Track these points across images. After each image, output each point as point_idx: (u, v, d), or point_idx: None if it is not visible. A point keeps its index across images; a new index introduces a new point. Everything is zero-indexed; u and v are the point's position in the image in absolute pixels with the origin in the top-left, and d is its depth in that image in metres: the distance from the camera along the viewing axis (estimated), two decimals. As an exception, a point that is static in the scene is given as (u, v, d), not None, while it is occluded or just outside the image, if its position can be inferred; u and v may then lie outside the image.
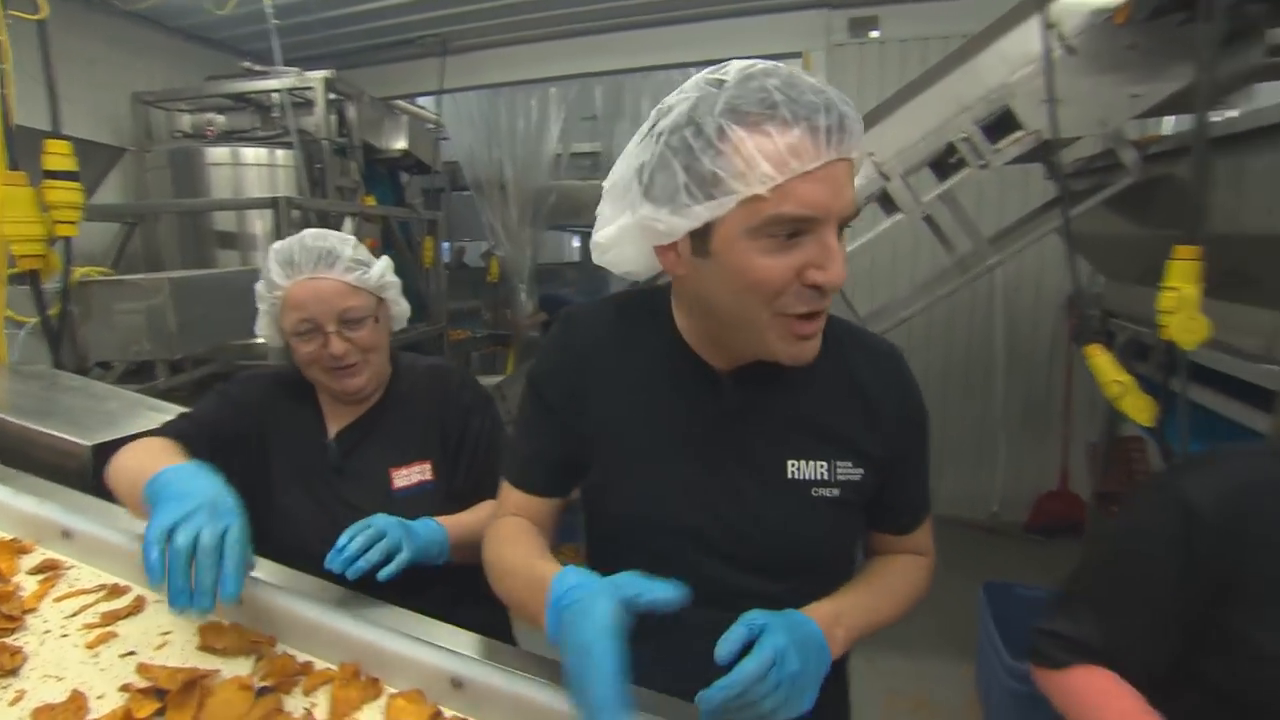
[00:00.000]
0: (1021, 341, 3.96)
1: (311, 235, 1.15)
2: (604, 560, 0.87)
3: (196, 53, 4.18)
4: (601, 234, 0.79)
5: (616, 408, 0.84)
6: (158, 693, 0.74)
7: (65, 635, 0.85)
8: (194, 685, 0.74)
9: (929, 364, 4.02)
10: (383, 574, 0.96)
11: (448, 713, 0.79)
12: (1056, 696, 0.86)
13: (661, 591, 0.61)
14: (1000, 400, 3.96)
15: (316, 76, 3.35)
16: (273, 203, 2.66)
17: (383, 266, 1.20)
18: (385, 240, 3.73)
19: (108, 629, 0.87)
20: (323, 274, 1.11)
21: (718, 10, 3.98)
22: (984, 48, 2.19)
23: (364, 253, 1.19)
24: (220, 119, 3.57)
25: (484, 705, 0.79)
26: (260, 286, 1.17)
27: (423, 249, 3.99)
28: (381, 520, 0.99)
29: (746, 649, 0.64)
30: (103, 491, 1.07)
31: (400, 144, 3.93)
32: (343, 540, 0.96)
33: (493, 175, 5.01)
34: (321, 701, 0.80)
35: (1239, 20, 1.76)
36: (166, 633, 0.87)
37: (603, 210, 0.80)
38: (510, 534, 0.85)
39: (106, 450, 1.12)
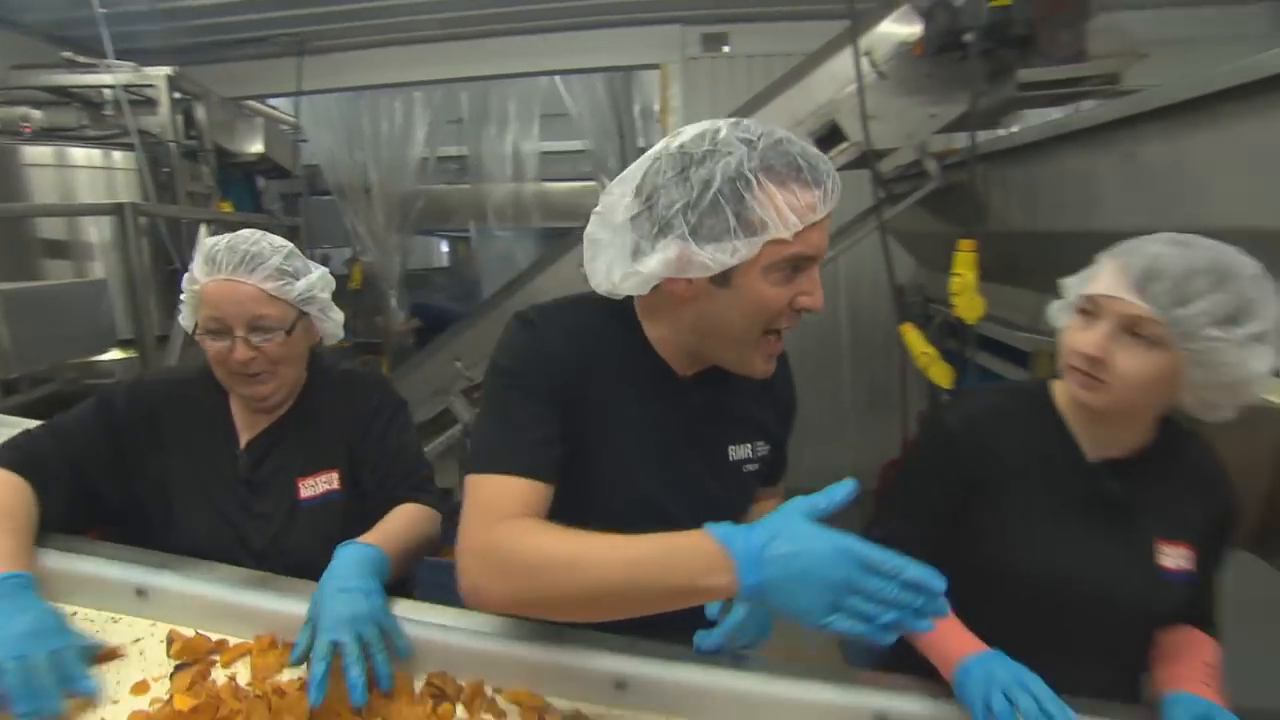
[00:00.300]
0: (862, 328, 4.46)
1: (244, 236, 1.13)
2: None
3: (-2, 38, 3.70)
4: (605, 259, 0.88)
5: (600, 398, 0.91)
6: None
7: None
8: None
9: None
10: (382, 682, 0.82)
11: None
12: None
13: (838, 493, 0.68)
14: (848, 382, 4.45)
15: (158, 73, 3.11)
16: (117, 209, 2.47)
17: (312, 281, 1.16)
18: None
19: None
20: (241, 278, 1.08)
21: (580, 21, 4.13)
22: (814, 69, 2.53)
23: (297, 263, 1.16)
24: (36, 114, 3.20)
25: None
26: (186, 276, 1.14)
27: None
28: (333, 631, 0.81)
29: None
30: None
31: (256, 147, 3.72)
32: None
33: (356, 180, 4.86)
34: (242, 670, 0.87)
35: (997, 60, 2.19)
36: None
37: (598, 234, 0.89)
38: (561, 532, 0.78)
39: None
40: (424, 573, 1.23)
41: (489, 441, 0.87)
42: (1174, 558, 0.95)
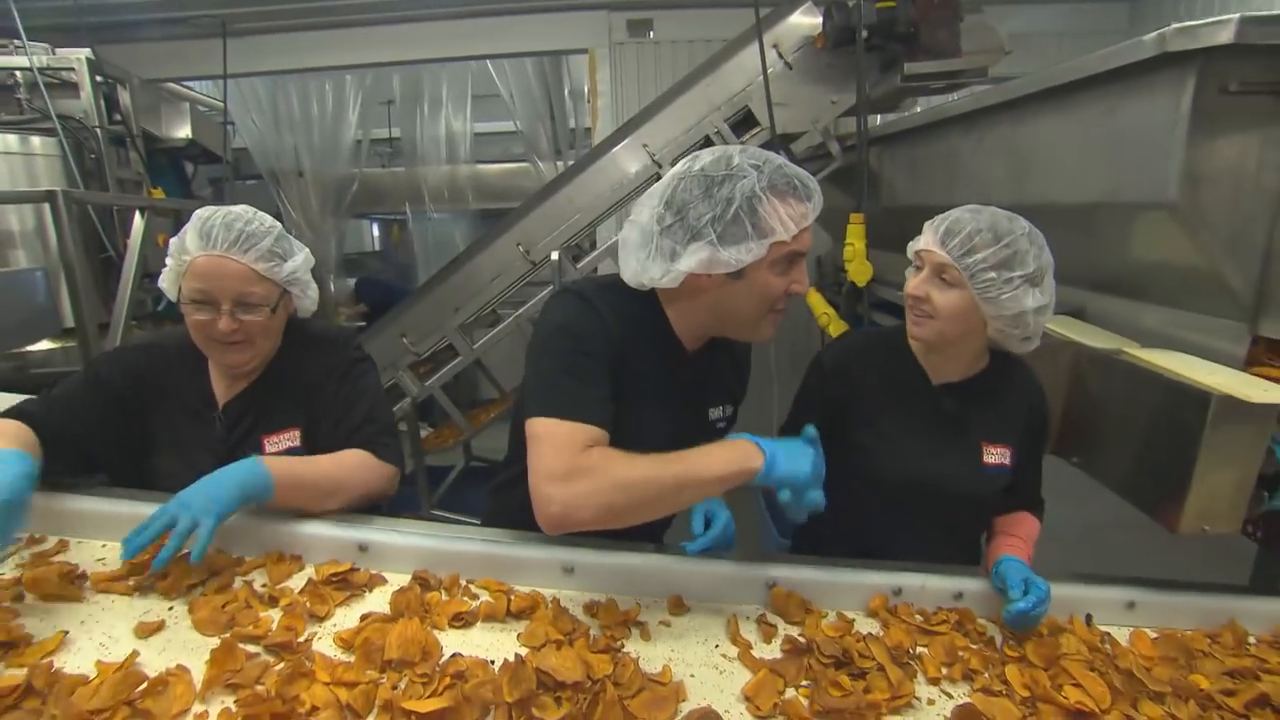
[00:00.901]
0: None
1: (238, 214, 1.19)
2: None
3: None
4: (638, 258, 1.08)
5: (637, 367, 1.11)
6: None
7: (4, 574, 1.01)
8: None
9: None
10: (194, 555, 0.97)
11: (361, 568, 1.09)
12: None
13: (811, 431, 1.05)
14: (771, 349, 4.79)
15: (77, 55, 3.05)
16: (49, 196, 2.47)
17: (298, 262, 1.24)
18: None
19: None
20: (235, 256, 1.15)
21: (510, 6, 4.21)
22: (728, 59, 2.76)
23: (286, 244, 1.23)
24: (-57, 99, 3.09)
25: (389, 560, 1.11)
26: (174, 243, 1.19)
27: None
28: (174, 506, 0.99)
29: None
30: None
31: (183, 131, 3.67)
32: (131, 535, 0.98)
33: (288, 163, 4.81)
34: (259, 578, 1.06)
35: (887, 54, 2.48)
36: (100, 558, 1.07)
37: (630, 237, 1.10)
38: (634, 455, 1.00)
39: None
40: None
41: (561, 392, 1.03)
42: (995, 456, 1.26)
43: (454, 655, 0.91)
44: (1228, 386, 1.12)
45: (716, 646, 1.00)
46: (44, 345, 2.90)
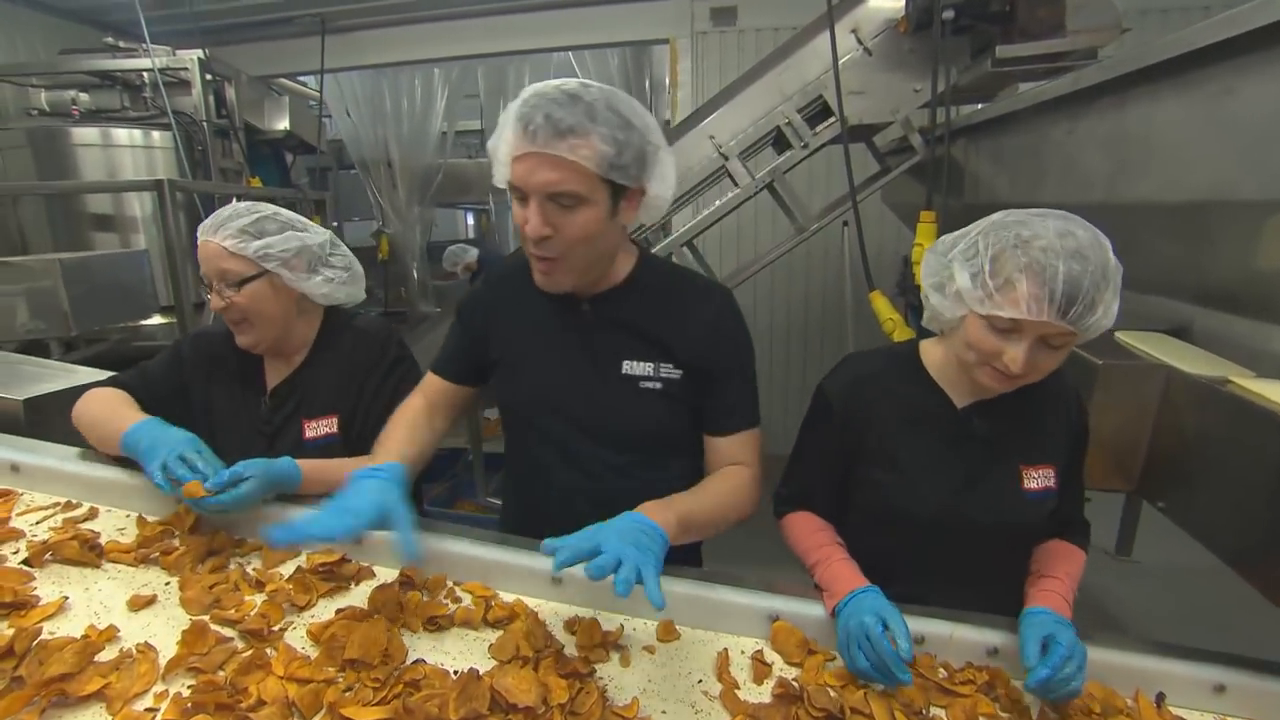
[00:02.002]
0: (865, 293, 4.54)
1: (231, 206, 1.29)
2: (512, 436, 1.26)
3: (40, 22, 3.95)
4: None
5: (515, 328, 1.17)
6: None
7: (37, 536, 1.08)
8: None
9: (790, 319, 4.56)
10: (229, 495, 1.04)
11: (353, 560, 1.08)
12: (785, 535, 1.20)
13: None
14: (851, 346, 4.55)
15: (190, 56, 3.32)
16: (156, 185, 2.70)
17: (270, 242, 1.27)
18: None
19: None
20: (209, 237, 1.25)
21: (590, -3, 4.23)
22: (801, 46, 2.60)
23: (270, 225, 1.28)
24: (84, 97, 3.46)
25: (382, 554, 1.10)
26: None
27: (311, 229, 4.02)
28: (241, 466, 1.07)
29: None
30: (39, 435, 1.26)
31: (283, 124, 3.93)
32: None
33: (378, 154, 5.05)
34: (254, 560, 1.08)
35: (978, 36, 2.25)
36: (121, 528, 1.12)
37: None
38: (400, 421, 1.18)
39: (37, 403, 1.29)
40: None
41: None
42: (1038, 479, 1.08)
43: (416, 661, 0.88)
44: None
45: (699, 682, 0.92)
46: (154, 320, 3.19)
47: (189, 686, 0.80)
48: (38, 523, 1.11)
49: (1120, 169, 1.55)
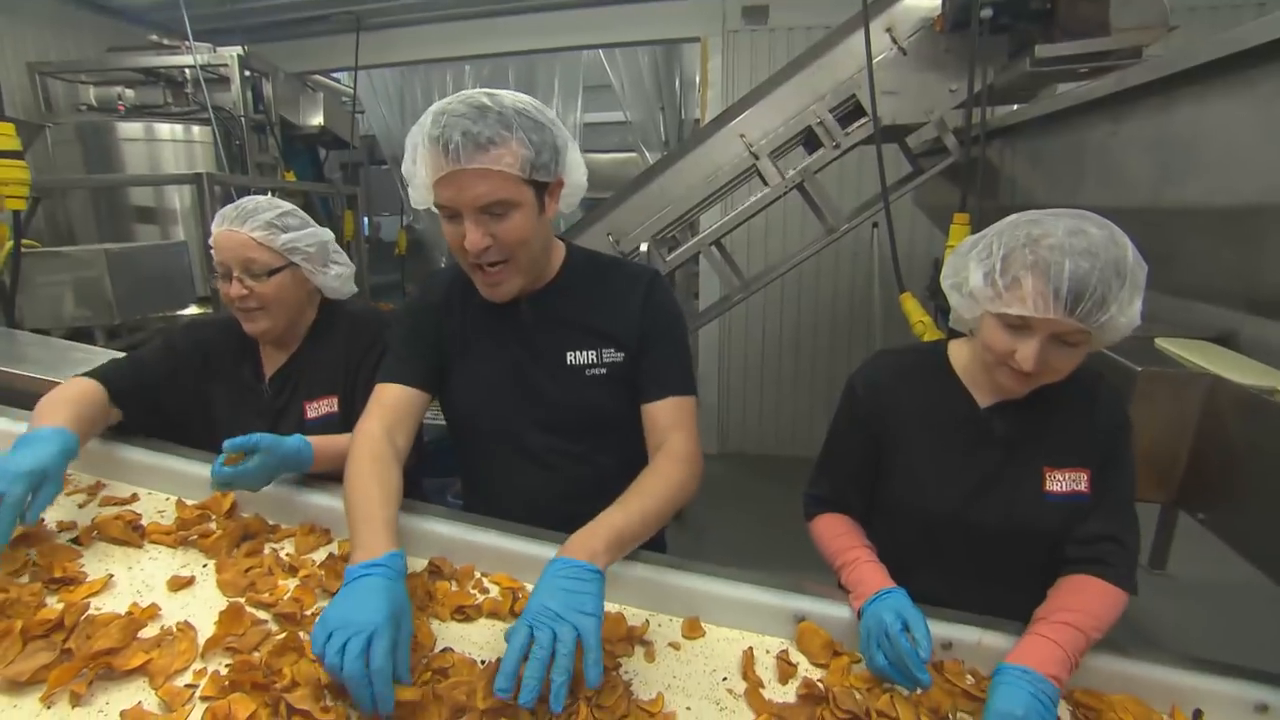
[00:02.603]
0: (895, 295, 4.48)
1: (251, 199, 1.33)
2: (462, 434, 1.27)
3: (91, 21, 4.07)
4: None
5: (458, 328, 1.19)
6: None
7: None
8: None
9: (817, 319, 4.53)
10: (241, 466, 1.07)
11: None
12: (814, 538, 1.19)
13: None
14: (879, 347, 4.49)
15: (231, 53, 3.40)
16: (195, 178, 2.77)
17: (298, 236, 1.32)
18: (310, 215, 3.83)
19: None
20: (236, 227, 1.29)
21: (621, -5, 4.23)
22: (835, 45, 2.58)
23: (292, 221, 1.34)
24: (130, 93, 3.57)
25: (411, 543, 1.11)
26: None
27: (343, 223, 4.10)
28: (257, 436, 1.09)
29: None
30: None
31: (317, 120, 4.00)
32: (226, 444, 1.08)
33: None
34: (287, 545, 1.10)
35: (1017, 35, 2.20)
36: (161, 510, 1.15)
37: None
38: (367, 468, 1.02)
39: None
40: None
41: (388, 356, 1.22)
42: (1064, 481, 1.04)
43: (444, 649, 0.89)
44: None
45: (724, 680, 0.92)
46: (189, 310, 3.28)
47: (226, 665, 0.82)
48: (81, 506, 1.15)
49: (1166, 172, 1.51)
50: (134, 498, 1.20)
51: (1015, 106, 2.42)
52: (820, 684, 0.90)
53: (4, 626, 0.82)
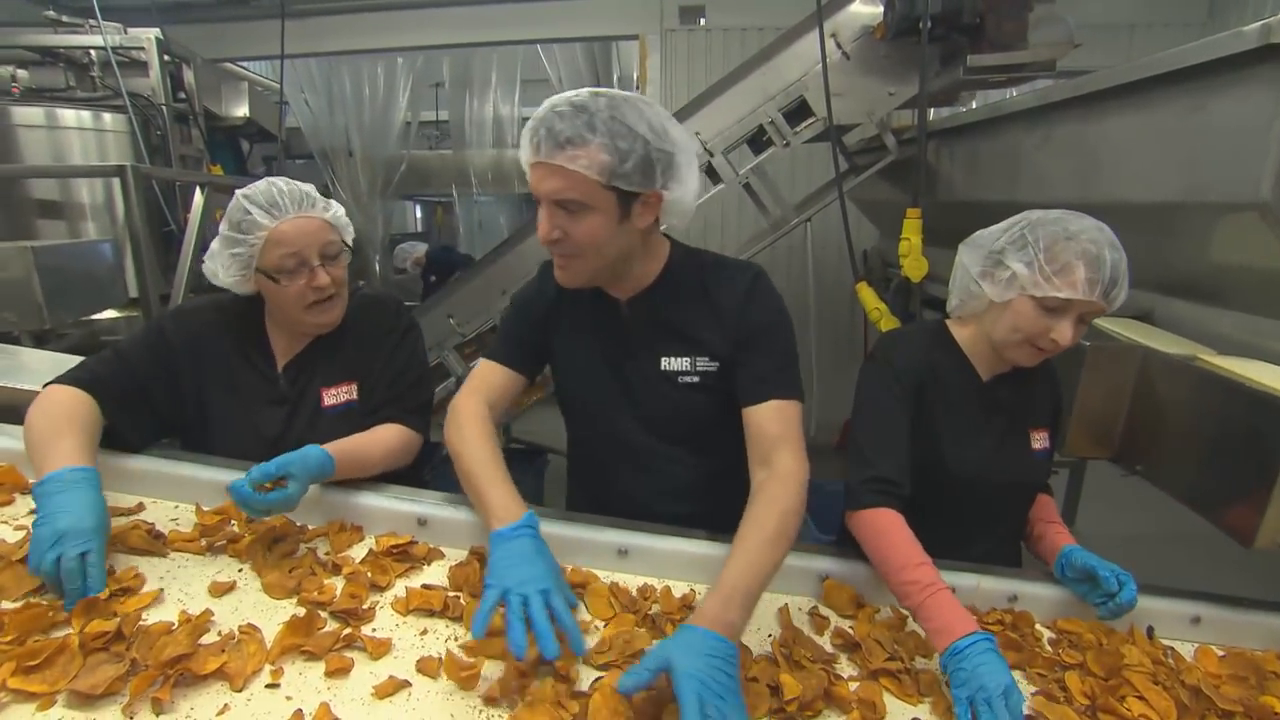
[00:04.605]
0: (827, 289, 4.72)
1: (284, 181, 1.26)
2: (573, 425, 1.32)
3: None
4: None
5: (567, 325, 1.22)
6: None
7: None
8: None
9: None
10: (267, 496, 1.03)
11: (420, 541, 1.11)
12: (859, 531, 1.12)
13: None
14: (813, 340, 4.72)
15: (147, 35, 3.15)
16: (119, 171, 2.56)
17: (342, 212, 1.32)
18: (235, 209, 3.61)
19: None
20: (306, 213, 1.23)
21: (561, -10, 4.23)
22: (784, 49, 2.72)
23: (332, 207, 1.30)
24: (24, 74, 3.23)
25: (447, 535, 1.13)
26: (231, 232, 1.22)
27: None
28: (284, 462, 1.05)
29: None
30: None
31: (242, 110, 3.77)
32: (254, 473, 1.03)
33: (338, 144, 4.90)
34: (321, 546, 1.09)
35: (949, 45, 2.42)
36: (174, 519, 1.12)
37: None
38: (478, 434, 1.13)
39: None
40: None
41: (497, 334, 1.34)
42: (1040, 440, 1.25)
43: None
44: (1314, 398, 1.08)
45: (770, 636, 1.00)
46: (109, 314, 3.02)
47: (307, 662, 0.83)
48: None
49: (1088, 173, 1.72)
50: (140, 507, 1.15)
51: (935, 112, 2.64)
52: (850, 631, 1.01)
53: (59, 641, 0.79)
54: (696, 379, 1.17)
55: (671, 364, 1.17)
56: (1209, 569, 1.58)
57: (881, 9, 2.54)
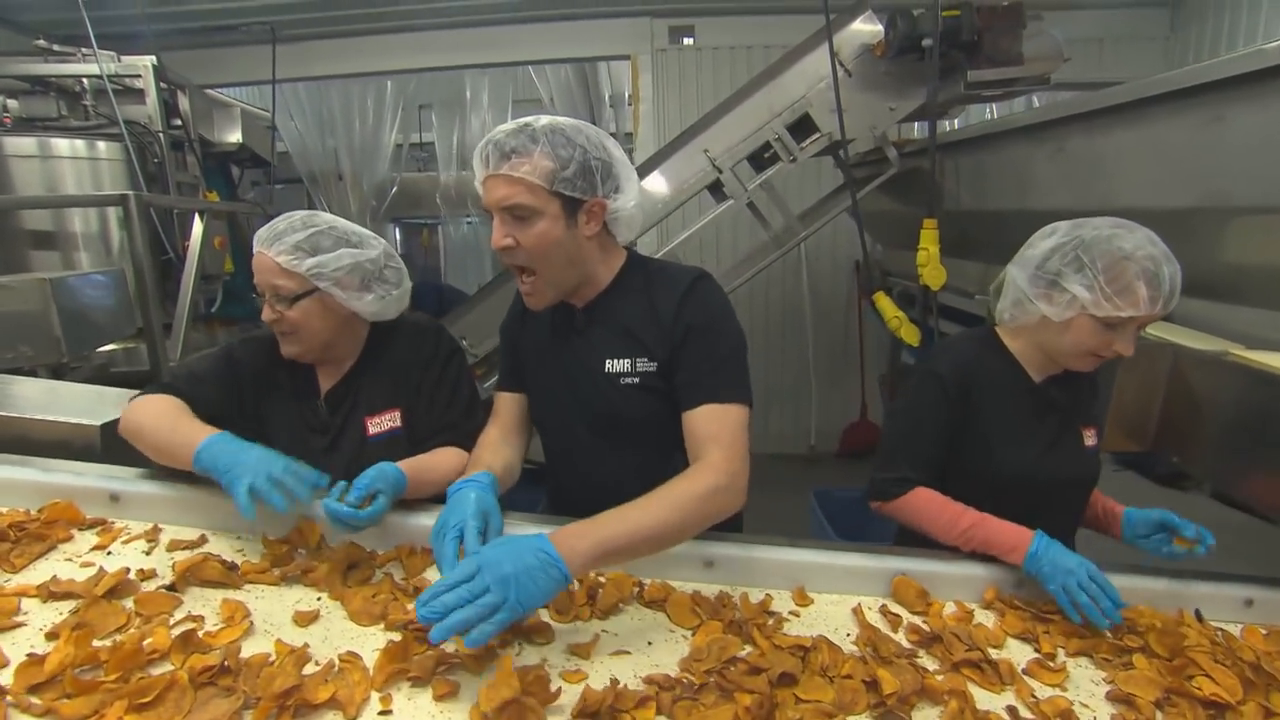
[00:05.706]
0: (823, 300, 4.81)
1: (294, 215, 1.28)
2: (540, 429, 1.37)
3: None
4: None
5: (531, 334, 1.31)
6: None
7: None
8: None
9: (751, 324, 4.77)
10: (365, 512, 1.07)
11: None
12: (900, 516, 1.27)
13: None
14: (810, 351, 4.79)
15: (142, 63, 3.12)
16: (122, 200, 2.53)
17: (325, 260, 1.25)
18: (233, 237, 3.57)
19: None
20: (266, 250, 1.24)
21: (551, 13, 4.28)
22: (789, 67, 2.79)
23: (325, 240, 1.26)
24: (14, 104, 3.17)
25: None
26: None
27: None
28: (376, 476, 1.11)
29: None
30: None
31: (235, 136, 3.74)
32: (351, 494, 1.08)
33: (328, 166, 4.88)
34: (396, 570, 1.09)
35: (948, 61, 2.50)
36: (239, 549, 1.10)
37: None
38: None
39: (112, 428, 1.22)
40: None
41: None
42: (1090, 438, 1.30)
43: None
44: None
45: (848, 635, 1.02)
46: (109, 346, 2.96)
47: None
48: (147, 553, 1.08)
49: (1106, 182, 1.79)
50: (203, 539, 1.13)
51: (949, 126, 2.73)
52: (925, 626, 1.03)
53: (168, 677, 0.77)
54: (637, 380, 1.20)
55: (615, 365, 1.21)
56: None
57: (881, 28, 2.62)
